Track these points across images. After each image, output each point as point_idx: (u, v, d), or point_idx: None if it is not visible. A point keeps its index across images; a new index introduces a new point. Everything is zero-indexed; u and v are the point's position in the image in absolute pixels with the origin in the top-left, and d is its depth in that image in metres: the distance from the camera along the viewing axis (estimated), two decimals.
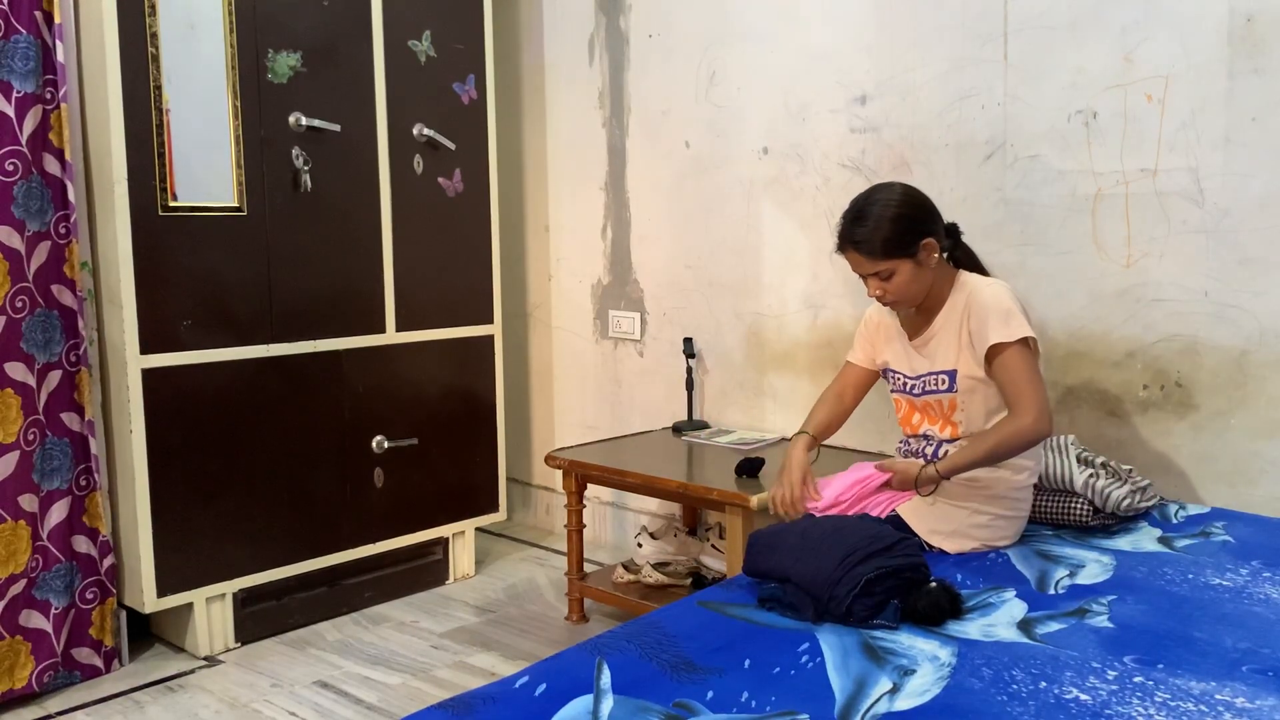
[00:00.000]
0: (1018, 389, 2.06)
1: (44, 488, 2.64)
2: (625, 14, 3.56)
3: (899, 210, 2.12)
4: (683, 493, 2.80)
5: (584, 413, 3.88)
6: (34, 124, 2.57)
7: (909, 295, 2.17)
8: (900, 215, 2.12)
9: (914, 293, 2.16)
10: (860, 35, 2.97)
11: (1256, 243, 2.36)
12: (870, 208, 2.14)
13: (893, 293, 2.16)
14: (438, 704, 1.50)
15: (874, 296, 2.19)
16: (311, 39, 2.95)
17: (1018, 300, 2.12)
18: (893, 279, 2.13)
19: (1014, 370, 2.07)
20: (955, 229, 2.23)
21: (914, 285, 2.15)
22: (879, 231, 2.11)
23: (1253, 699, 1.44)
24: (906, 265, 2.12)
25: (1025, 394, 2.06)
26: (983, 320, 2.10)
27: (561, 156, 3.85)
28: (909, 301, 2.19)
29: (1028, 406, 2.05)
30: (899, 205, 2.13)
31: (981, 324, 2.10)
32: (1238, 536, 2.16)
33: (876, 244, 2.11)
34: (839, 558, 1.74)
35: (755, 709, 1.46)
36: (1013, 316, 2.08)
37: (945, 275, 2.20)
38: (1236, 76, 2.35)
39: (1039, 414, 2.04)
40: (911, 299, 2.18)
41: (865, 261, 2.14)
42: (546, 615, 3.16)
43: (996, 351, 2.09)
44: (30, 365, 2.60)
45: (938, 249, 2.15)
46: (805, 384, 3.22)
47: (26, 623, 2.62)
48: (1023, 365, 2.07)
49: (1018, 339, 2.07)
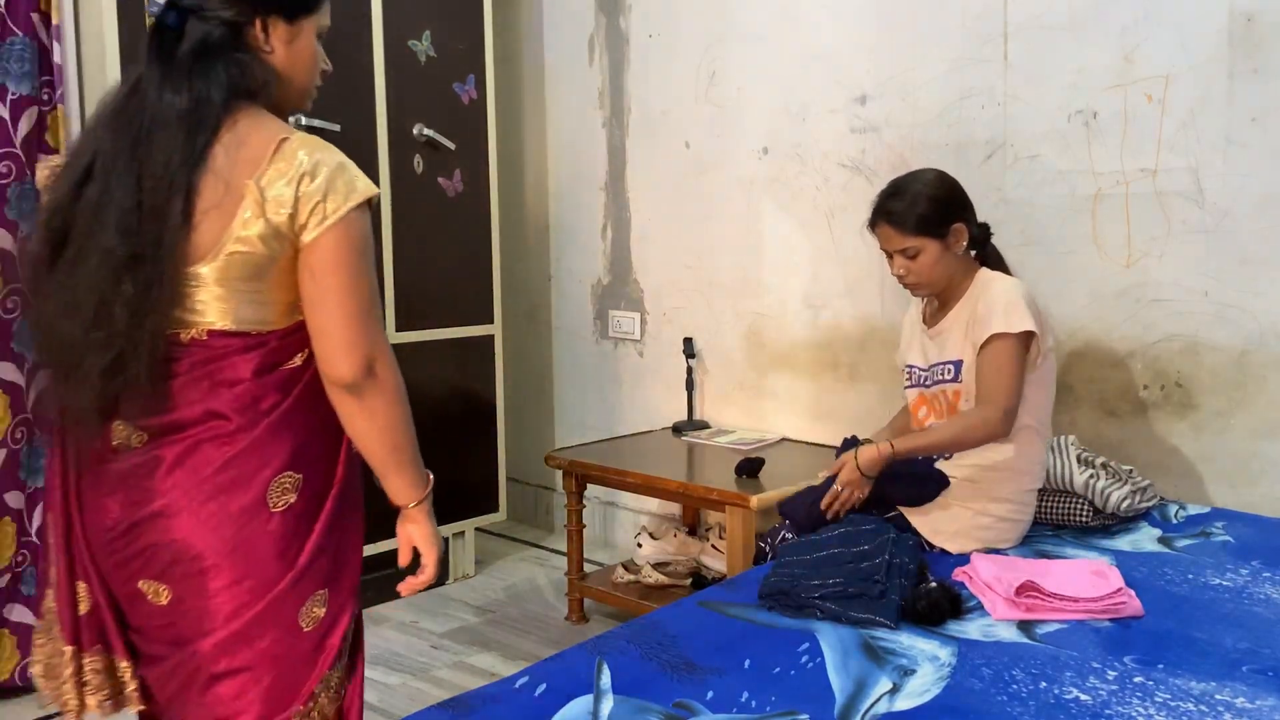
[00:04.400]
0: (991, 382, 2.07)
1: (30, 485, 2.66)
2: (625, 14, 3.56)
3: (936, 191, 2.16)
4: (683, 493, 2.80)
5: (584, 413, 3.88)
6: (29, 126, 2.57)
7: (931, 279, 2.17)
8: (937, 196, 2.15)
9: (936, 277, 2.17)
10: (860, 35, 2.97)
11: (1256, 243, 2.36)
12: (909, 185, 2.18)
13: (915, 273, 2.17)
14: (438, 704, 1.50)
15: (896, 275, 2.20)
16: None
17: (1028, 298, 2.11)
18: (918, 258, 2.15)
19: (993, 362, 2.07)
20: (986, 228, 2.24)
21: (937, 269, 2.16)
22: (915, 207, 2.14)
23: (1253, 699, 1.44)
24: (934, 246, 2.14)
25: (997, 389, 2.06)
26: (987, 311, 2.10)
27: (561, 156, 3.85)
28: (929, 286, 2.19)
29: (996, 402, 2.05)
30: (936, 186, 2.17)
31: (986, 315, 2.10)
32: (1238, 536, 2.15)
33: (910, 219, 2.14)
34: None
35: (755, 709, 1.46)
36: (1015, 310, 2.08)
37: (967, 269, 2.21)
38: (1236, 76, 2.35)
39: (1003, 414, 2.05)
40: (932, 284, 2.19)
41: (896, 236, 2.16)
42: (546, 615, 3.16)
43: (988, 340, 2.09)
44: (20, 365, 2.61)
45: (966, 237, 2.17)
46: (805, 384, 3.22)
47: (10, 616, 2.64)
48: (1002, 359, 2.07)
49: (1011, 332, 2.06)
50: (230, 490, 1.36)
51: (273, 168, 1.32)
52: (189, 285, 1.33)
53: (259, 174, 1.31)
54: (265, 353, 1.38)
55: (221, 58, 1.35)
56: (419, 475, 1.49)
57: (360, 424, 1.40)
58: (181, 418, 1.36)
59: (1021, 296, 2.10)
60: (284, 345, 1.40)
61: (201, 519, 1.35)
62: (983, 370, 2.09)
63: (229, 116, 1.34)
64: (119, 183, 1.31)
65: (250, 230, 1.32)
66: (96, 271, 1.30)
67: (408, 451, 1.46)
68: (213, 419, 1.36)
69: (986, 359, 2.09)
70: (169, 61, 1.35)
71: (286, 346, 1.40)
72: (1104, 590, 1.78)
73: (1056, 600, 1.76)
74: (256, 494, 1.37)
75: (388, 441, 1.43)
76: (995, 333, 2.08)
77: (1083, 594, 1.77)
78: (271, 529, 1.38)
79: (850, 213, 3.03)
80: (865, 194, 2.25)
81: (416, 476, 1.49)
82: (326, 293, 1.34)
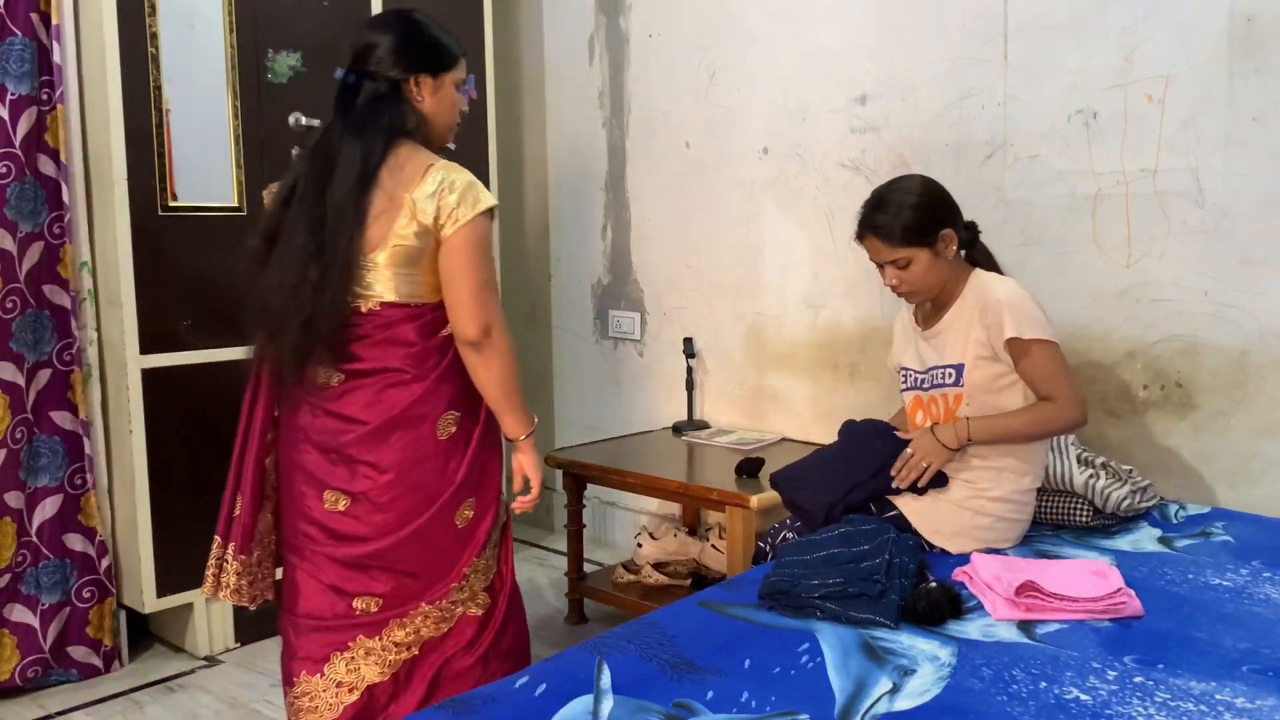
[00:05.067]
0: (1054, 382, 2.09)
1: (30, 485, 2.65)
2: (625, 14, 3.56)
3: (920, 199, 2.15)
4: (683, 493, 2.80)
5: (584, 413, 3.88)
6: (28, 126, 2.57)
7: (924, 286, 2.17)
8: (921, 204, 2.14)
9: (929, 284, 2.17)
10: (860, 35, 2.97)
11: (1256, 243, 2.36)
12: (892, 195, 2.16)
13: (908, 282, 2.16)
14: (438, 704, 1.50)
15: (889, 286, 2.20)
16: (311, 39, 2.95)
17: (1033, 298, 2.13)
18: (909, 268, 2.15)
19: (1044, 365, 2.09)
20: (974, 227, 2.24)
21: (930, 276, 2.16)
22: (899, 219, 2.13)
23: (1253, 699, 1.44)
24: (924, 254, 2.13)
25: (1056, 388, 2.09)
26: (997, 318, 2.10)
27: (561, 156, 3.85)
28: (924, 293, 2.20)
29: (1065, 397, 2.09)
30: (920, 194, 2.16)
31: (998, 319, 2.10)
32: (1238, 536, 2.15)
33: (896, 231, 2.13)
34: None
35: (755, 709, 1.46)
36: (1031, 312, 2.09)
37: (960, 271, 2.20)
38: (1236, 76, 2.35)
39: (1075, 403, 2.09)
40: (926, 290, 2.19)
41: (884, 248, 2.16)
42: (546, 615, 3.16)
43: (1022, 348, 2.09)
44: (20, 364, 2.61)
45: (955, 241, 2.16)
46: (805, 384, 3.22)
47: (10, 615, 2.64)
48: (1050, 359, 2.09)
49: (1039, 336, 2.08)
50: (411, 423, 1.88)
51: (422, 185, 1.83)
52: (365, 269, 1.85)
53: (413, 190, 1.83)
54: (424, 322, 1.89)
55: (387, 108, 1.88)
56: (526, 415, 1.98)
57: (481, 374, 1.90)
58: (369, 367, 1.87)
59: (1025, 298, 2.11)
60: (437, 317, 1.91)
61: (390, 443, 1.87)
62: (1033, 378, 2.11)
63: (391, 150, 1.87)
64: (312, 199, 1.83)
65: (407, 230, 1.83)
66: (294, 261, 1.83)
67: (516, 396, 1.95)
68: (394, 371, 1.87)
69: (1030, 369, 2.10)
70: (349, 111, 1.89)
71: (440, 318, 1.91)
72: (1104, 590, 1.78)
73: (1056, 600, 1.76)
74: (430, 427, 1.90)
75: (501, 387, 1.91)
76: (1013, 337, 2.08)
77: (1083, 594, 1.77)
78: (438, 453, 1.91)
79: (850, 213, 2.99)
80: (865, 194, 2.24)
81: (524, 416, 1.97)
82: (456, 274, 1.85)
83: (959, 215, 2.20)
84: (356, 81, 1.89)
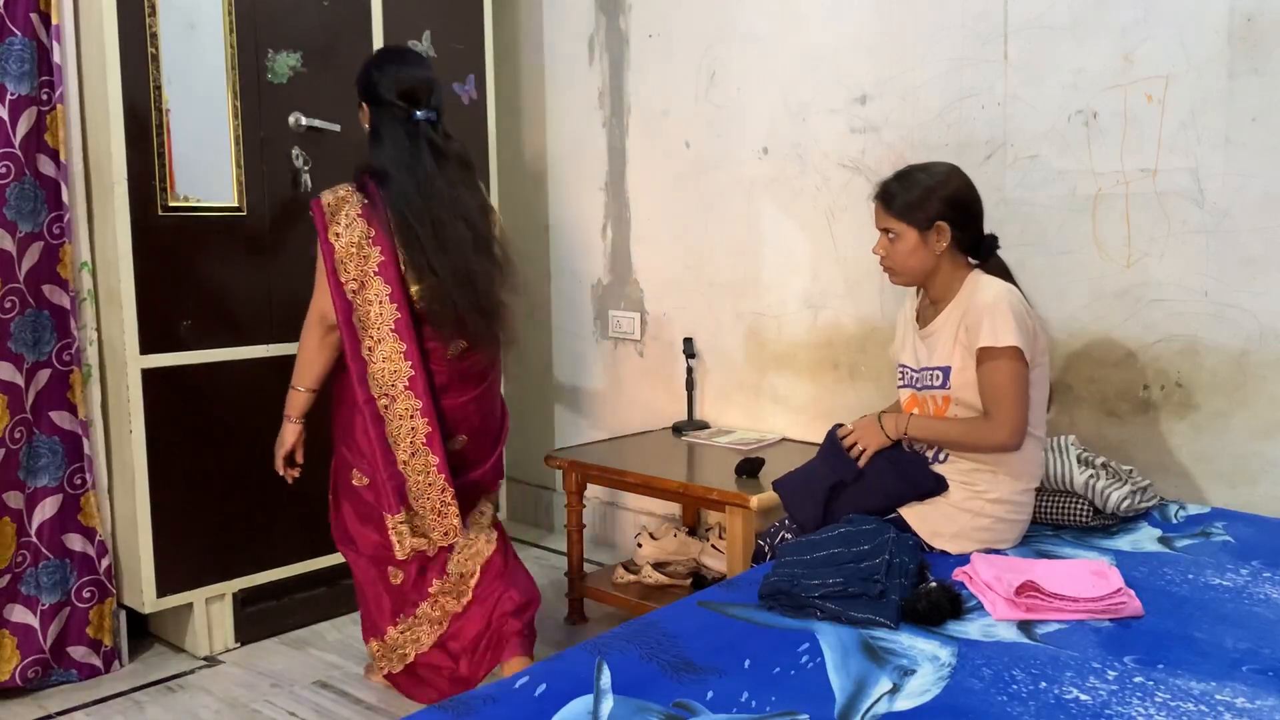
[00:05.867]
0: (996, 397, 2.07)
1: (30, 485, 2.65)
2: (625, 14, 3.56)
3: (934, 183, 2.17)
4: (683, 493, 2.80)
5: (584, 413, 3.88)
6: (28, 126, 2.57)
7: (904, 268, 2.19)
8: (932, 188, 2.16)
9: (909, 267, 2.19)
10: (860, 35, 2.97)
11: (1256, 243, 2.36)
12: (915, 171, 2.20)
13: (890, 256, 2.20)
14: (438, 704, 1.50)
15: (876, 254, 2.24)
16: (311, 39, 2.95)
17: (1017, 308, 2.08)
18: (896, 243, 2.18)
19: (991, 379, 2.08)
20: (994, 240, 2.23)
21: (912, 259, 2.17)
22: (907, 192, 2.16)
23: (1253, 699, 1.44)
24: (912, 235, 2.15)
25: (1000, 407, 2.07)
26: (977, 321, 2.10)
27: (561, 156, 3.85)
28: (903, 274, 2.22)
29: (1001, 420, 2.06)
30: (937, 180, 2.17)
31: (977, 323, 2.09)
32: (1238, 536, 2.15)
33: (897, 201, 2.17)
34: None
35: (755, 709, 1.46)
36: (1008, 323, 2.05)
37: (958, 271, 2.20)
38: (1236, 76, 2.35)
39: (1012, 429, 2.06)
40: (906, 273, 2.20)
41: (881, 213, 2.20)
42: (546, 615, 3.16)
43: (983, 355, 2.09)
44: (19, 365, 2.61)
45: (949, 238, 2.16)
46: (805, 384, 3.22)
47: (10, 616, 2.63)
48: (999, 376, 2.06)
49: (1005, 345, 2.05)
50: (497, 389, 2.61)
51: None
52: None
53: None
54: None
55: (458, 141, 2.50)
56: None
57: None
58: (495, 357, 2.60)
59: (1010, 306, 2.07)
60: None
61: (498, 403, 2.61)
62: (983, 387, 2.09)
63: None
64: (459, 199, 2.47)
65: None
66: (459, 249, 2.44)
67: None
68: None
69: (985, 377, 2.09)
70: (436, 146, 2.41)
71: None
72: (1104, 590, 1.78)
73: (1056, 600, 1.76)
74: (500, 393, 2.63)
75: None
76: (984, 345, 2.07)
77: (1083, 594, 1.77)
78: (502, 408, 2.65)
79: (850, 213, 3.03)
80: (865, 194, 2.25)
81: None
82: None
83: (971, 218, 2.20)
84: (436, 117, 2.41)
